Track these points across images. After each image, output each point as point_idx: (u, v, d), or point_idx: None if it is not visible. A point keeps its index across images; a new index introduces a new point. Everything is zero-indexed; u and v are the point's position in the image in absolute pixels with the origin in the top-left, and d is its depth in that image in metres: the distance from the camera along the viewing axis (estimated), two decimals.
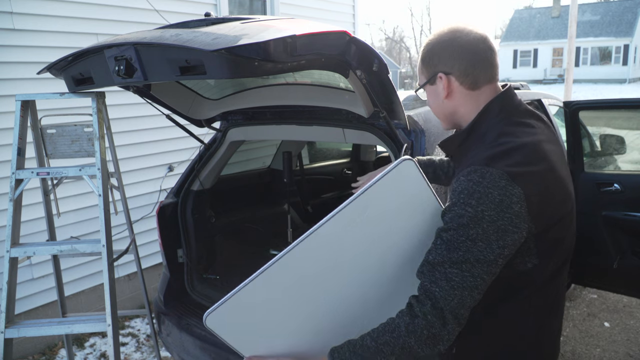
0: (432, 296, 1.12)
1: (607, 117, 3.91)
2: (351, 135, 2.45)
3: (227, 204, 3.36)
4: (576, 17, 10.93)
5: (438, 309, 1.10)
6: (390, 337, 1.13)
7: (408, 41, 70.84)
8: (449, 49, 1.28)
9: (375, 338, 1.14)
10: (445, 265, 1.12)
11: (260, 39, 1.43)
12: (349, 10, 6.60)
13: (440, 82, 1.31)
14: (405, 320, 1.13)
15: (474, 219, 1.10)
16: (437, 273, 1.12)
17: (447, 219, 1.15)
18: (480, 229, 1.10)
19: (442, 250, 1.13)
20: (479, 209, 1.10)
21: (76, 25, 3.62)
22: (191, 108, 2.69)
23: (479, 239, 1.10)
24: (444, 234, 1.14)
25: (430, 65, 1.32)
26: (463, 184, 1.14)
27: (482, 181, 1.12)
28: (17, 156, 2.51)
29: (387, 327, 1.15)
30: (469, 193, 1.12)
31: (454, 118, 1.36)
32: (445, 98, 1.32)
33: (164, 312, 2.69)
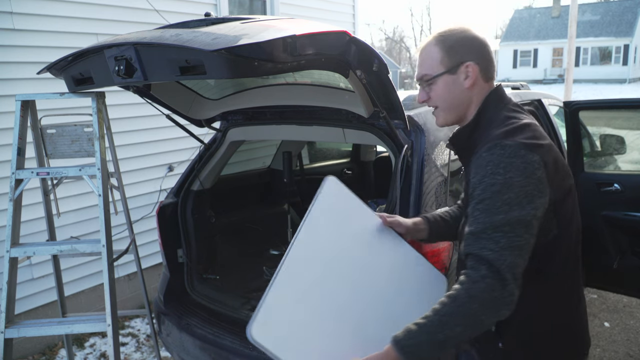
0: (485, 260, 1.15)
1: (607, 117, 3.91)
2: (351, 135, 2.45)
3: (227, 204, 3.36)
4: (576, 17, 10.94)
5: (494, 270, 1.14)
6: (453, 307, 1.14)
7: (408, 41, 70.74)
8: (475, 42, 1.39)
9: (438, 311, 1.15)
10: (489, 231, 1.17)
11: (260, 39, 1.44)
12: (349, 10, 6.60)
13: (465, 71, 1.37)
14: (465, 286, 1.15)
15: (505, 185, 1.19)
16: (482, 240, 1.18)
17: (479, 192, 1.22)
18: (513, 194, 1.18)
19: (482, 219, 1.19)
20: (507, 176, 1.19)
21: (76, 25, 3.62)
22: (191, 108, 2.69)
23: (513, 203, 1.18)
24: (480, 205, 1.21)
25: (456, 54, 1.37)
26: (486, 158, 1.23)
27: (504, 152, 1.21)
28: (17, 156, 2.51)
29: (447, 299, 1.16)
30: (494, 164, 1.21)
31: (464, 109, 1.41)
32: (468, 87, 1.38)
33: (164, 312, 2.69)
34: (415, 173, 2.06)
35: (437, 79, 1.39)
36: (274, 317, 1.15)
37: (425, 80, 1.42)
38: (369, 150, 4.81)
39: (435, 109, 1.45)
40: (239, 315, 2.50)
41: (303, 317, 1.21)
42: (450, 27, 1.42)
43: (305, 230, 1.28)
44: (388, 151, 2.21)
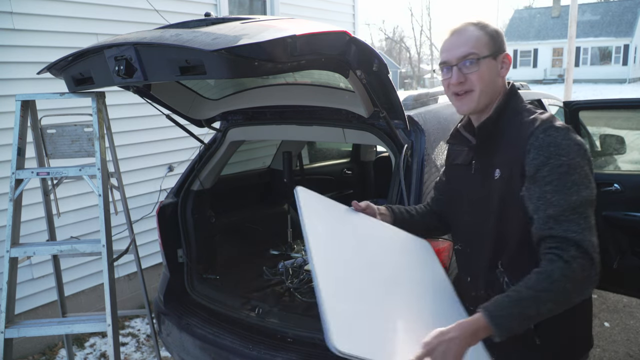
0: (572, 241, 1.19)
1: (607, 117, 3.91)
2: (351, 135, 2.45)
3: (227, 204, 3.36)
4: (576, 17, 10.93)
5: (583, 251, 1.18)
6: (547, 284, 1.16)
7: (408, 41, 70.81)
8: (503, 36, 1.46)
9: (532, 287, 1.17)
10: (567, 213, 1.22)
11: (260, 39, 1.44)
12: (349, 10, 6.60)
13: (503, 60, 1.43)
14: (559, 265, 1.17)
15: (571, 166, 1.24)
16: (564, 223, 1.21)
17: (545, 173, 1.25)
18: (577, 175, 1.24)
19: (556, 201, 1.23)
20: (571, 156, 1.25)
21: (76, 25, 3.62)
22: (191, 108, 2.69)
23: (580, 183, 1.24)
24: (549, 187, 1.24)
25: (499, 43, 1.43)
26: (545, 139, 1.28)
27: (559, 134, 1.28)
28: (17, 156, 2.51)
29: (540, 275, 1.18)
30: (556, 145, 1.26)
31: (494, 97, 1.45)
32: (502, 77, 1.45)
33: (164, 312, 2.69)
34: (415, 173, 2.06)
35: (483, 60, 1.38)
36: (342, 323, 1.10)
37: (468, 59, 1.38)
38: (369, 150, 4.81)
39: (466, 95, 1.42)
40: (239, 315, 2.50)
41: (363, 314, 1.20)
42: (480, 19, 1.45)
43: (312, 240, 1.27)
44: (388, 151, 2.21)
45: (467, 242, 1.57)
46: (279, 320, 2.42)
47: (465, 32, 1.40)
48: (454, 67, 1.40)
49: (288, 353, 2.19)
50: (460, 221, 1.61)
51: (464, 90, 1.42)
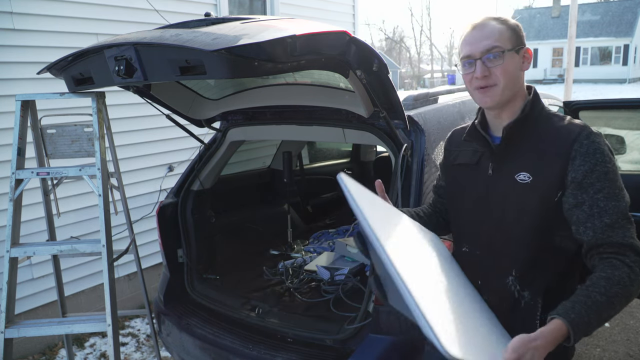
0: (629, 247, 1.23)
1: (607, 117, 3.91)
2: (351, 135, 2.45)
3: (227, 204, 3.36)
4: (576, 17, 10.93)
5: (639, 254, 1.23)
6: (619, 289, 1.19)
7: (408, 41, 70.77)
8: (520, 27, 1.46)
9: (605, 293, 1.19)
10: (621, 221, 1.26)
11: (260, 39, 1.44)
12: (349, 10, 6.60)
13: (525, 55, 1.42)
14: (625, 271, 1.21)
15: (615, 172, 1.29)
16: (619, 230, 1.25)
17: (593, 180, 1.28)
18: (619, 180, 1.30)
19: (609, 209, 1.27)
20: (612, 163, 1.30)
21: (76, 25, 3.62)
22: (191, 108, 2.69)
23: (623, 188, 1.29)
24: (600, 195, 1.27)
25: (522, 37, 1.43)
26: (591, 145, 1.30)
27: (601, 140, 1.31)
28: (17, 156, 2.51)
29: (610, 281, 1.20)
30: (601, 152, 1.29)
31: (515, 92, 1.43)
32: (523, 71, 1.44)
33: (164, 312, 2.69)
34: (415, 173, 2.06)
35: (507, 54, 1.37)
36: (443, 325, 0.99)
37: (492, 52, 1.37)
38: (369, 150, 4.81)
39: (490, 89, 1.39)
40: (239, 315, 2.50)
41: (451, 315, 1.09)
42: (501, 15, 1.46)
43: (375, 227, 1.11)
44: (388, 151, 2.21)
45: (477, 245, 1.51)
46: (279, 320, 2.42)
47: (488, 26, 1.39)
48: (478, 61, 1.38)
49: (288, 353, 2.19)
50: (466, 222, 1.56)
51: (487, 85, 1.39)
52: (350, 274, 2.79)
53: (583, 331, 1.16)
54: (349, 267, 2.85)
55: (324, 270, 2.87)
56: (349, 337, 2.11)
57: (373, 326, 2.03)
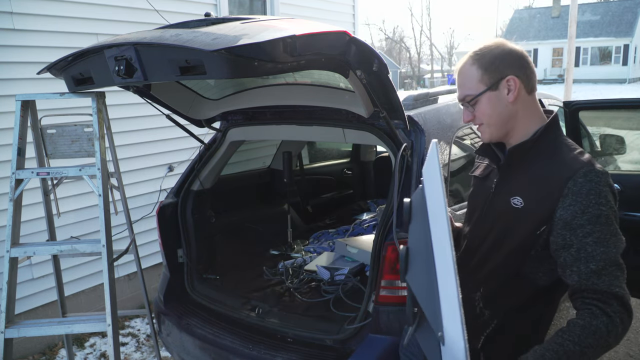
0: (614, 296, 1.19)
1: (607, 117, 3.91)
2: (351, 135, 2.45)
3: (227, 204, 3.36)
4: (576, 17, 10.93)
5: (624, 305, 1.19)
6: (593, 339, 1.17)
7: (408, 41, 70.78)
8: (512, 54, 1.37)
9: (578, 342, 1.17)
10: (609, 268, 1.21)
11: (260, 39, 1.44)
12: (349, 10, 6.59)
13: (507, 85, 1.36)
14: (603, 321, 1.17)
15: (609, 217, 1.23)
16: (606, 277, 1.20)
17: (583, 222, 1.22)
18: (614, 225, 1.23)
19: (598, 254, 1.21)
20: (608, 206, 1.23)
21: (76, 25, 3.62)
22: (191, 108, 2.69)
23: (616, 233, 1.23)
24: (589, 239, 1.22)
25: (497, 70, 1.37)
26: (586, 185, 1.23)
27: (600, 180, 1.24)
28: (17, 156, 2.51)
29: (586, 330, 1.17)
30: (596, 193, 1.23)
31: (510, 125, 1.40)
32: (512, 102, 1.37)
33: (164, 312, 2.69)
34: (415, 173, 2.06)
35: (479, 97, 1.38)
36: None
37: (467, 101, 1.41)
38: (369, 150, 4.81)
39: (481, 126, 1.44)
40: (239, 315, 2.50)
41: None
42: (484, 43, 1.42)
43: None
44: (388, 151, 2.21)
45: (466, 254, 1.54)
46: (279, 320, 2.42)
47: (461, 74, 1.42)
48: (462, 107, 1.45)
49: (288, 353, 2.19)
50: (467, 231, 1.59)
51: (477, 124, 1.45)
52: (350, 274, 2.79)
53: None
54: (349, 267, 2.85)
55: (324, 270, 2.87)
56: (349, 337, 2.11)
57: (373, 326, 2.03)
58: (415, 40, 66.60)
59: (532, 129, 1.39)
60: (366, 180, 4.78)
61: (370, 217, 3.94)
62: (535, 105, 1.42)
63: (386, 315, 2.00)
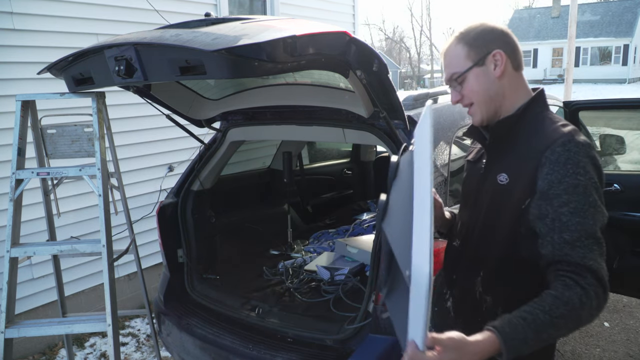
0: (589, 269, 1.15)
1: (607, 117, 3.91)
2: (351, 135, 2.45)
3: (227, 204, 3.36)
4: (576, 17, 10.93)
5: (599, 278, 1.15)
6: (564, 309, 1.12)
7: (408, 41, 70.77)
8: (496, 31, 1.37)
9: (549, 311, 1.13)
10: (583, 239, 1.16)
11: (260, 39, 1.44)
12: (349, 10, 6.60)
13: (494, 60, 1.35)
14: (576, 292, 1.13)
15: (587, 187, 1.18)
16: (580, 249, 1.16)
17: (560, 192, 1.19)
18: (595, 196, 1.18)
19: (573, 225, 1.17)
20: (587, 177, 1.18)
21: (76, 25, 3.62)
22: (191, 108, 2.69)
23: (596, 205, 1.18)
24: (565, 209, 1.18)
25: (482, 45, 1.36)
26: (563, 154, 1.20)
27: (580, 151, 1.20)
28: (17, 156, 2.51)
29: (558, 300, 1.13)
30: (574, 163, 1.19)
31: (499, 101, 1.38)
32: (498, 77, 1.36)
33: (164, 312, 2.69)
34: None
35: (466, 74, 1.37)
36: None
37: (454, 80, 1.40)
38: (369, 150, 4.81)
39: (471, 107, 1.41)
40: (239, 315, 2.50)
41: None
42: (467, 25, 1.41)
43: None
44: (388, 151, 2.21)
45: (461, 240, 1.51)
46: (279, 320, 2.42)
47: (448, 54, 1.42)
48: (450, 88, 1.44)
49: (288, 353, 2.19)
50: (459, 216, 1.57)
51: (467, 105, 1.42)
52: (350, 274, 2.79)
53: (517, 348, 1.09)
54: (349, 267, 2.85)
55: (324, 270, 2.87)
56: (349, 337, 2.12)
57: (373, 326, 2.03)
58: (415, 40, 66.59)
59: (517, 106, 1.38)
60: (366, 180, 4.78)
61: (370, 217, 3.94)
62: (523, 82, 1.40)
63: (386, 315, 2.00)
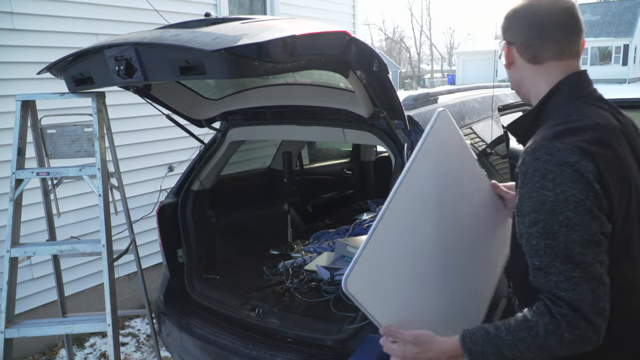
0: (562, 299, 1.01)
1: None
2: (351, 135, 2.45)
3: (227, 204, 3.36)
4: None
5: (575, 309, 1.00)
6: (527, 334, 1.04)
7: (408, 41, 70.72)
8: (514, 17, 1.26)
9: (512, 332, 1.06)
10: (556, 264, 1.02)
11: (260, 39, 1.44)
12: (349, 10, 6.60)
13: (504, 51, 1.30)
14: (544, 320, 1.03)
15: (556, 203, 1.01)
16: (552, 276, 1.03)
17: (528, 209, 1.05)
18: (570, 212, 1.00)
19: (542, 249, 1.03)
20: (558, 190, 1.01)
21: (76, 25, 3.62)
22: (191, 108, 2.69)
23: (573, 223, 1.00)
24: (534, 229, 1.04)
25: (503, 33, 1.31)
26: (531, 164, 1.05)
27: (551, 158, 1.03)
28: (17, 156, 2.51)
29: (523, 323, 1.06)
30: (541, 175, 1.03)
31: (521, 89, 1.32)
32: (507, 67, 1.31)
33: (164, 312, 2.69)
34: None
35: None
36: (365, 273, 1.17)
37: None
38: (369, 150, 4.81)
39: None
40: (239, 315, 2.50)
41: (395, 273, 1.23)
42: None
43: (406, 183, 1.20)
44: (388, 151, 2.21)
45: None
46: (279, 320, 2.42)
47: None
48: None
49: (288, 353, 2.19)
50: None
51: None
52: None
53: (477, 357, 1.09)
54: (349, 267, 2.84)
55: (324, 270, 2.87)
56: (349, 337, 2.11)
57: (373, 326, 2.03)
58: (415, 40, 66.62)
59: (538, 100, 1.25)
60: (366, 180, 4.78)
61: (370, 217, 3.94)
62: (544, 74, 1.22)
63: None
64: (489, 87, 3.08)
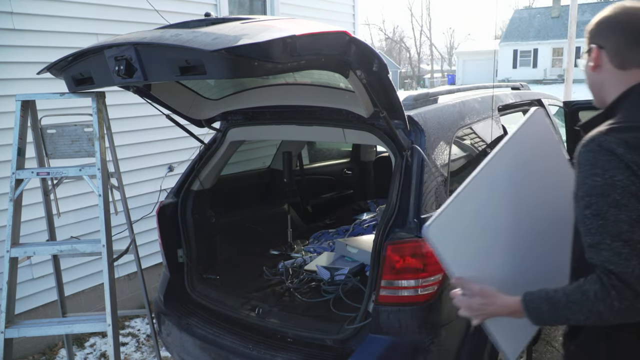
0: (612, 272, 1.12)
1: None
2: (351, 135, 2.45)
3: (227, 204, 3.36)
4: (576, 17, 10.94)
5: (624, 282, 1.11)
6: (579, 297, 1.16)
7: (408, 41, 70.77)
8: (610, 23, 1.33)
9: (567, 294, 1.19)
10: (607, 241, 1.14)
11: (260, 39, 1.44)
12: (349, 10, 6.60)
13: (591, 55, 1.36)
14: (595, 287, 1.14)
15: (606, 187, 1.14)
16: (603, 252, 1.14)
17: (582, 194, 1.19)
18: (613, 196, 1.13)
19: (595, 228, 1.16)
20: (607, 175, 1.14)
21: (76, 25, 3.62)
22: (191, 108, 2.69)
23: (621, 204, 1.13)
24: (588, 211, 1.17)
25: (590, 36, 1.38)
26: (584, 155, 1.19)
27: (600, 149, 1.16)
28: (17, 156, 2.51)
29: (577, 288, 1.18)
30: (592, 163, 1.17)
31: (599, 92, 1.40)
32: (592, 69, 1.37)
33: (164, 312, 2.69)
34: (415, 173, 2.06)
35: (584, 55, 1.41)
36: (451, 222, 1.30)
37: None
38: (369, 150, 4.81)
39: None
40: (239, 315, 2.50)
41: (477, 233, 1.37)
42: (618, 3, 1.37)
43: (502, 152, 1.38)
44: (388, 151, 2.21)
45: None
46: (279, 320, 2.42)
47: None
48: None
49: (288, 353, 2.19)
50: None
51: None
52: (350, 274, 2.79)
53: (538, 318, 1.24)
54: (349, 267, 2.85)
55: (324, 270, 2.87)
56: (349, 337, 2.12)
57: (373, 326, 2.03)
58: (415, 40, 66.60)
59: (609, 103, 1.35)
60: (366, 180, 4.78)
61: (370, 217, 3.94)
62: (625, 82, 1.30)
63: (386, 315, 2.00)
64: (489, 87, 3.08)
